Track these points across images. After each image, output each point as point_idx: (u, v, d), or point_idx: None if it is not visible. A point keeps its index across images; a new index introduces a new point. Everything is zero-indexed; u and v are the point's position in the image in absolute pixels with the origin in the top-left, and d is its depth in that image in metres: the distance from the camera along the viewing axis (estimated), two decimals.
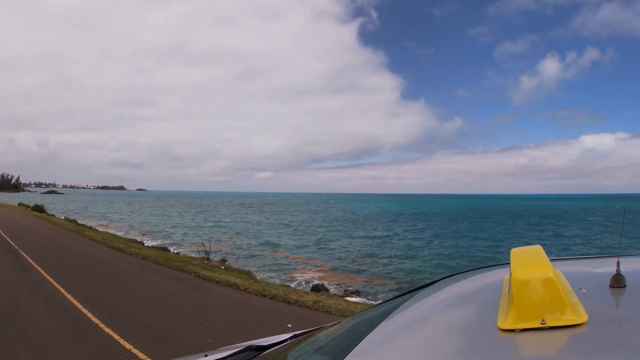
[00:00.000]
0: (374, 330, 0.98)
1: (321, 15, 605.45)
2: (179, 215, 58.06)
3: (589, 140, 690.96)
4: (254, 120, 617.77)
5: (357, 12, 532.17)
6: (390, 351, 0.86)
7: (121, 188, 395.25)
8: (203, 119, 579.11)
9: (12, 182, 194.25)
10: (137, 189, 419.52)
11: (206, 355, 1.55)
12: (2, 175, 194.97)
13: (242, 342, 1.70)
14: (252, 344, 1.56)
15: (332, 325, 1.47)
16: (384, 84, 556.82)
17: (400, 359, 0.81)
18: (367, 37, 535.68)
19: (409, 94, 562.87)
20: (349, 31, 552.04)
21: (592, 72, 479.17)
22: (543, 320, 0.75)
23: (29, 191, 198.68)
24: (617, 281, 0.91)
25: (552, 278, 0.79)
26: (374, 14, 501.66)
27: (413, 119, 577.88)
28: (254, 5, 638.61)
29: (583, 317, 0.75)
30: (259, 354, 1.47)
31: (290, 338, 1.61)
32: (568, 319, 0.75)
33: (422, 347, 0.83)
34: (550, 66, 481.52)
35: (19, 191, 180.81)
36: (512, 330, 0.76)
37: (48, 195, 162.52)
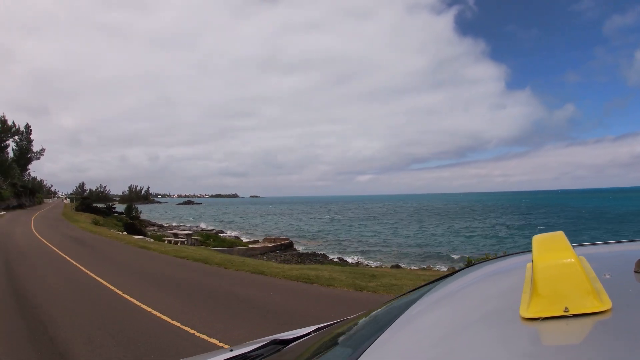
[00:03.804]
0: (396, 321, 0.97)
1: (414, 8, 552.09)
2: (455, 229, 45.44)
3: None
4: (352, 124, 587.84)
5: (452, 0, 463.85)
6: (413, 341, 0.85)
7: (235, 196, 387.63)
8: (302, 126, 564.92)
9: (142, 193, 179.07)
10: (250, 196, 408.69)
11: (231, 350, 1.57)
12: (130, 187, 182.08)
13: (266, 337, 1.70)
14: (277, 338, 1.57)
15: (356, 317, 1.46)
16: (487, 74, 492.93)
17: (423, 348, 0.80)
18: (465, 26, 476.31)
19: (514, 82, 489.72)
20: (445, 21, 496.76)
21: None
22: (566, 308, 0.72)
23: (159, 202, 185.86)
24: None
25: (575, 264, 0.76)
26: (470, 0, 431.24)
27: (519, 110, 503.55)
28: (344, 7, 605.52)
29: (607, 304, 0.72)
30: (283, 347, 1.48)
31: (314, 331, 1.62)
32: (592, 306, 0.71)
33: (445, 337, 0.82)
34: None
35: (148, 202, 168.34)
36: (535, 319, 0.73)
37: (189, 205, 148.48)
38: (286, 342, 1.51)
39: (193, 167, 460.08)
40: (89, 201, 52.02)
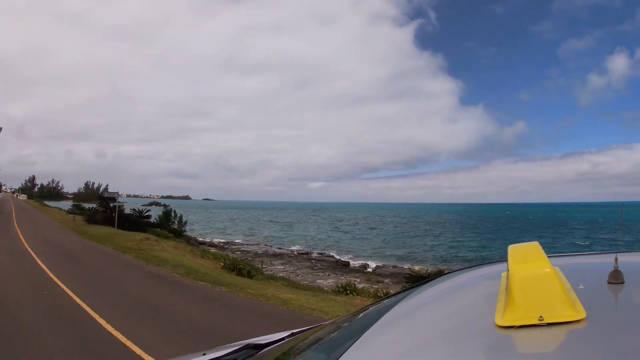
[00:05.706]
0: (371, 328, 0.96)
1: (377, 19, 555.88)
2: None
3: None
4: (307, 130, 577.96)
5: (415, 13, 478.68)
6: (388, 348, 0.85)
7: (187, 198, 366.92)
8: (257, 130, 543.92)
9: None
10: (203, 199, 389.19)
11: (204, 354, 1.54)
12: (86, 184, 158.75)
13: (240, 341, 1.68)
14: (250, 342, 1.55)
15: (330, 323, 1.45)
16: (443, 89, 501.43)
17: (398, 355, 0.80)
18: (425, 40, 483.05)
19: (468, 98, 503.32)
20: (407, 34, 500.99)
21: None
22: (541, 317, 0.73)
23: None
24: (615, 277, 0.89)
25: (550, 274, 0.77)
26: (433, 15, 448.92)
27: (471, 125, 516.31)
28: (308, 11, 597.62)
29: (581, 314, 0.73)
30: (257, 352, 1.47)
31: (288, 336, 1.60)
32: (566, 315, 0.72)
33: (420, 344, 0.82)
34: (618, 63, 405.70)
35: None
36: (510, 327, 0.74)
37: (158, 208, 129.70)
38: (260, 346, 1.50)
39: (143, 166, 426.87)
40: (113, 204, 28.74)
